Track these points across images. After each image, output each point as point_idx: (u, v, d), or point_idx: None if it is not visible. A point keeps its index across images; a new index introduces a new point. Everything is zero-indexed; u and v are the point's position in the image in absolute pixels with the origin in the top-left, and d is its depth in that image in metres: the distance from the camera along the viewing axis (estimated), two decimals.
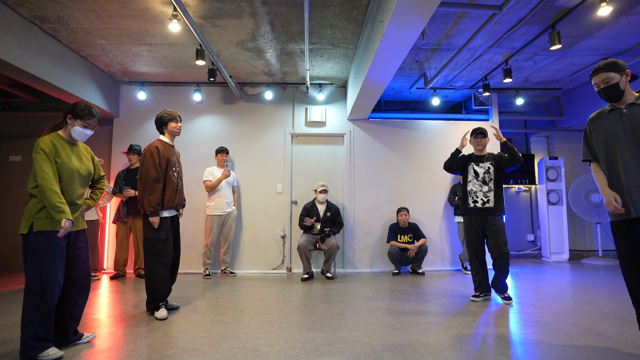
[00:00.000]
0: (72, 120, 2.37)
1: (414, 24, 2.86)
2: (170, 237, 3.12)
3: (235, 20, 3.74)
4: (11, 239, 5.55)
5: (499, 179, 3.59)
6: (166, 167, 3.13)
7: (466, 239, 3.68)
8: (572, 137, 6.90)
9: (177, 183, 3.23)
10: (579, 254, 6.69)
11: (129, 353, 2.28)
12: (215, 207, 4.92)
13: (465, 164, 3.73)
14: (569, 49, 4.38)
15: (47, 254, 2.19)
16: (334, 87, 5.66)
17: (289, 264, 5.34)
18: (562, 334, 2.62)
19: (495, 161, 3.61)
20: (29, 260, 2.17)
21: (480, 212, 3.58)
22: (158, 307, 3.03)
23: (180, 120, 3.28)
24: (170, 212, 3.17)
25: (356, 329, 2.74)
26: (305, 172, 5.58)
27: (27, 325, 2.13)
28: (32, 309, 2.15)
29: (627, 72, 2.22)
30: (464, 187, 3.71)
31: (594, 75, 2.26)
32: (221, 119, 5.55)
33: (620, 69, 2.21)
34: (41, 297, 2.16)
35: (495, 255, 3.49)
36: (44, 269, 2.17)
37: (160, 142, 3.18)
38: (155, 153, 3.06)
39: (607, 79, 2.22)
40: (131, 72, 5.11)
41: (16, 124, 5.71)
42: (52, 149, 2.26)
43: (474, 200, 3.62)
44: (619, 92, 2.21)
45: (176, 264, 3.27)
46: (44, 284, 2.17)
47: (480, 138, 3.66)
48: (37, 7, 3.48)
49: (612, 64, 2.22)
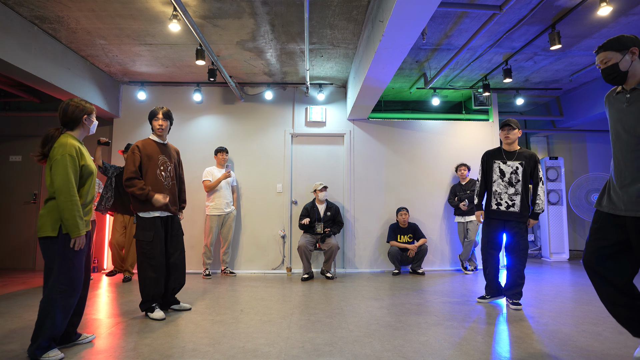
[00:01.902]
0: (88, 119, 2.41)
1: (414, 24, 2.86)
2: (161, 239, 3.07)
3: (235, 20, 3.74)
4: (12, 239, 5.55)
5: (526, 181, 3.25)
6: (153, 165, 3.09)
7: (483, 239, 3.43)
8: (572, 137, 6.89)
9: (168, 183, 3.17)
10: (579, 254, 6.68)
11: (129, 353, 2.28)
12: (214, 207, 4.92)
13: (490, 161, 3.41)
14: (569, 49, 4.38)
15: (76, 254, 2.25)
16: (334, 87, 5.66)
17: (289, 264, 5.34)
18: (562, 334, 2.62)
19: (527, 163, 3.27)
20: (59, 261, 2.18)
21: (503, 216, 3.28)
22: (152, 308, 3.01)
23: (162, 117, 3.19)
24: (161, 212, 3.12)
25: (356, 329, 2.74)
26: (305, 172, 5.58)
27: (47, 325, 2.14)
28: (57, 309, 2.16)
29: (632, 49, 1.88)
30: (488, 186, 3.41)
31: (596, 54, 2.01)
32: (221, 119, 5.55)
33: (622, 47, 1.89)
34: (68, 297, 2.20)
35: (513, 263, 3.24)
36: (73, 268, 2.22)
37: (146, 140, 3.18)
38: (137, 152, 3.08)
39: (606, 59, 1.95)
40: (131, 72, 5.11)
41: (16, 124, 5.71)
42: (78, 154, 2.27)
43: (498, 203, 3.30)
44: (618, 74, 1.92)
45: (177, 265, 3.21)
46: (73, 284, 2.22)
47: (508, 130, 3.32)
48: (37, 7, 3.48)
49: (613, 40, 1.93)
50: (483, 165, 3.50)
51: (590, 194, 6.24)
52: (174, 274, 3.19)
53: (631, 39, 1.90)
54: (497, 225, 3.33)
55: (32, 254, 5.57)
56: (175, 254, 3.22)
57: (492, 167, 3.39)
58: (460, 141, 5.73)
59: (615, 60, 1.92)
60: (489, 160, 3.42)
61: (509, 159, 3.34)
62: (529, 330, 2.71)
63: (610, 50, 1.93)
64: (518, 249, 3.24)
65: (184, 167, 5.40)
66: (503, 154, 3.39)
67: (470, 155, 5.67)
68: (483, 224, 3.45)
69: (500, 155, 3.39)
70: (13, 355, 2.23)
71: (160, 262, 3.05)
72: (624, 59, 1.89)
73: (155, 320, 2.95)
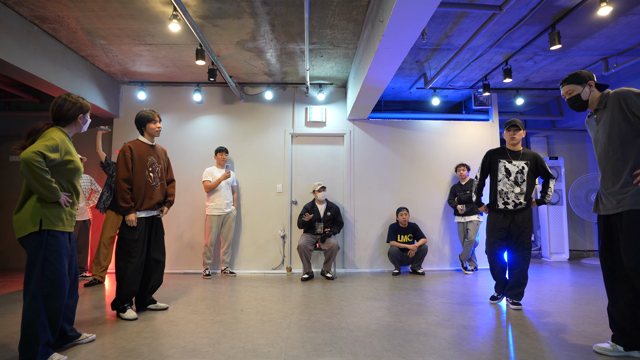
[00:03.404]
0: (82, 118, 2.34)
1: (414, 24, 2.86)
2: (144, 238, 3.12)
3: (235, 20, 3.74)
4: (12, 239, 5.55)
5: (531, 181, 3.28)
6: (142, 167, 3.12)
7: (489, 238, 3.38)
8: (572, 137, 6.90)
9: (156, 183, 3.21)
10: (579, 254, 6.69)
11: (129, 353, 2.28)
12: (214, 207, 4.92)
13: (495, 159, 3.38)
14: (569, 49, 4.38)
15: (58, 256, 2.13)
16: (334, 87, 5.66)
17: (289, 264, 5.34)
18: (562, 334, 2.62)
19: (532, 163, 3.30)
20: (39, 263, 2.06)
21: (509, 215, 3.29)
22: (124, 308, 3.02)
23: (159, 120, 3.27)
24: (148, 212, 3.17)
25: (356, 329, 2.74)
26: (305, 172, 5.58)
27: (38, 331, 2.02)
28: (43, 314, 2.05)
29: (589, 82, 2.30)
30: (493, 185, 3.38)
31: (560, 87, 2.42)
32: (221, 119, 5.55)
33: (581, 80, 2.31)
34: (53, 300, 2.10)
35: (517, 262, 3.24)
36: (56, 271, 2.11)
37: (136, 142, 3.19)
38: (128, 154, 3.09)
39: (569, 91, 2.36)
40: (131, 72, 5.11)
41: (16, 124, 5.71)
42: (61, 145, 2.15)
43: (505, 202, 3.28)
44: (581, 103, 2.34)
45: (159, 263, 3.25)
46: (58, 287, 2.11)
47: (514, 131, 3.32)
48: (37, 7, 3.48)
49: (573, 76, 2.34)
50: (485, 162, 3.46)
51: (590, 194, 6.24)
52: (156, 272, 3.25)
53: (588, 74, 2.32)
54: (503, 225, 3.31)
55: None
56: (157, 251, 3.27)
57: (497, 166, 3.36)
58: (460, 141, 5.73)
59: (577, 91, 2.33)
60: (494, 159, 3.39)
61: (514, 159, 3.33)
62: (529, 330, 2.71)
63: (573, 84, 2.34)
64: (523, 249, 3.24)
65: (183, 168, 5.41)
66: (508, 153, 3.38)
67: (470, 155, 5.68)
68: (488, 224, 3.43)
69: (505, 155, 3.37)
70: (13, 355, 2.23)
71: (139, 262, 3.08)
72: (584, 90, 2.32)
73: (127, 320, 2.95)
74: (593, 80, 2.32)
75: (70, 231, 2.28)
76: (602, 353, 2.25)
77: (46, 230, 2.10)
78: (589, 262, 6.08)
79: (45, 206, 2.11)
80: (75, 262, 2.38)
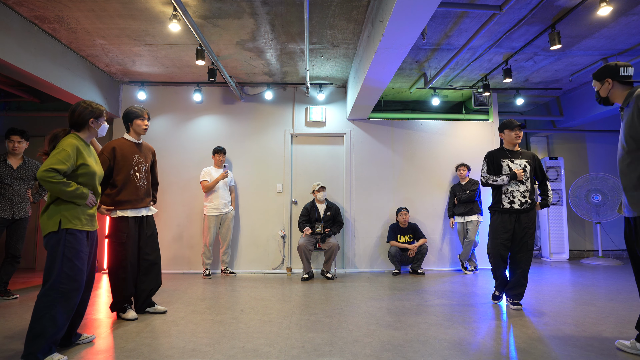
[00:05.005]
0: (95, 122, 2.37)
1: (414, 24, 2.86)
2: (134, 240, 3.05)
3: (235, 20, 3.74)
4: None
5: (533, 180, 3.33)
6: (127, 166, 3.03)
7: (493, 240, 3.33)
8: (572, 137, 6.90)
9: (142, 183, 3.11)
10: (579, 254, 6.69)
11: (129, 353, 2.28)
12: (212, 207, 4.93)
13: (498, 160, 3.38)
14: (569, 49, 4.38)
15: (77, 254, 2.22)
16: (334, 87, 5.66)
17: (289, 264, 5.34)
18: (562, 334, 2.62)
19: (532, 162, 3.34)
20: (59, 260, 2.16)
21: (516, 214, 3.27)
22: (124, 308, 3.00)
23: (148, 118, 3.18)
24: (134, 212, 3.06)
25: (356, 329, 2.74)
26: (305, 172, 5.58)
27: (48, 326, 2.07)
28: (58, 310, 2.11)
29: (607, 80, 2.27)
30: (497, 185, 3.37)
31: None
32: (221, 119, 5.55)
33: (601, 77, 2.28)
34: (69, 297, 2.17)
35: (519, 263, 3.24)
36: (75, 268, 2.19)
37: (121, 140, 3.08)
38: (108, 152, 2.98)
39: (595, 85, 2.35)
40: (131, 72, 5.11)
41: (16, 124, 5.71)
42: (75, 152, 2.24)
43: (511, 201, 3.27)
44: (602, 99, 2.32)
45: (154, 265, 3.16)
46: (75, 284, 2.19)
47: (520, 130, 3.36)
48: (37, 7, 3.48)
49: (598, 70, 2.30)
50: (490, 161, 3.42)
51: (590, 194, 6.24)
52: (151, 275, 3.14)
53: (610, 70, 2.25)
54: (509, 224, 3.29)
55: (32, 254, 5.56)
56: (151, 254, 3.15)
57: (500, 166, 3.36)
58: (460, 141, 5.73)
59: (597, 87, 2.32)
60: (497, 159, 3.38)
61: (515, 158, 3.36)
62: (528, 330, 2.71)
63: (595, 79, 2.33)
64: (526, 250, 3.24)
65: (183, 167, 5.42)
66: (508, 153, 3.39)
67: (470, 155, 5.68)
68: (492, 225, 3.38)
69: (506, 155, 3.39)
70: (13, 355, 2.23)
71: (131, 263, 3.03)
72: (603, 87, 2.29)
73: (128, 320, 2.94)
74: (611, 78, 2.26)
75: (90, 230, 2.35)
76: (622, 349, 2.29)
77: (64, 229, 2.21)
78: (589, 262, 6.08)
79: (64, 207, 2.23)
80: (93, 259, 2.44)
